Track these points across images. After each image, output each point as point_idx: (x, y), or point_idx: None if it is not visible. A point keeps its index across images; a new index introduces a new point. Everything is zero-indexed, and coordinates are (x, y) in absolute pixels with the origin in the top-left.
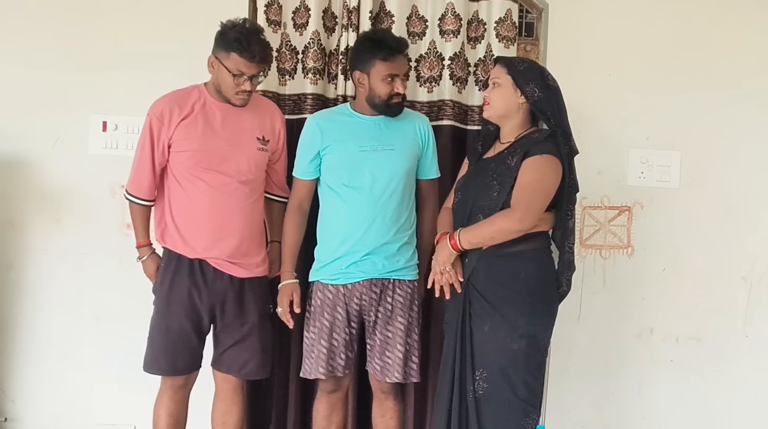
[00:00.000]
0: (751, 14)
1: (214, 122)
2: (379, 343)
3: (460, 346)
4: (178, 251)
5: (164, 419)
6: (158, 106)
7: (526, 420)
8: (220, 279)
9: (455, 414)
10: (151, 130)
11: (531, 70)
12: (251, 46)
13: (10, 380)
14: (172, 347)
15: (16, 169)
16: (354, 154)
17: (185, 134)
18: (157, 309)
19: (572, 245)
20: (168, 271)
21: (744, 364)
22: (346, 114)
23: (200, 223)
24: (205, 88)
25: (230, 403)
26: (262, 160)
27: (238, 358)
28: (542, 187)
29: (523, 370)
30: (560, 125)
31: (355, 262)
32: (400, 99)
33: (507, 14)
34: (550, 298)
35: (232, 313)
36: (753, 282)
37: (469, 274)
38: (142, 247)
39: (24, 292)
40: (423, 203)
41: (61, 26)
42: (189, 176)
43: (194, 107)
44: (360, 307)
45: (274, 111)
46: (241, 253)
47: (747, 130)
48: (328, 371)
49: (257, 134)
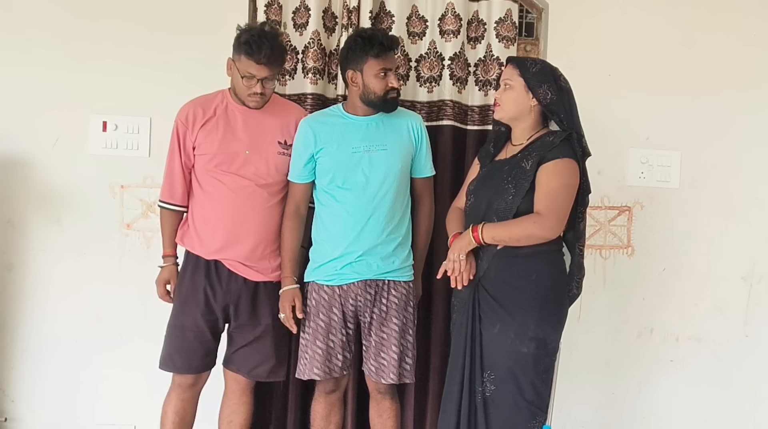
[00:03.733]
0: (751, 14)
1: (235, 125)
2: (374, 345)
3: (470, 347)
4: (195, 252)
5: (170, 417)
6: (183, 111)
7: (533, 422)
8: (234, 280)
9: (464, 415)
10: (178, 135)
11: (543, 71)
12: (260, 48)
13: (10, 380)
14: (187, 346)
15: (16, 169)
16: (347, 156)
17: (206, 137)
18: (174, 308)
19: (582, 248)
20: (186, 271)
21: (744, 364)
22: (338, 115)
23: (216, 224)
24: (228, 92)
25: (238, 402)
26: (283, 164)
27: (249, 359)
28: (568, 193)
29: (531, 373)
30: (572, 126)
31: (350, 262)
32: (396, 94)
33: (507, 14)
34: (560, 301)
35: (245, 315)
36: (753, 282)
37: (481, 275)
38: (167, 256)
39: (24, 292)
40: (418, 202)
41: (61, 26)
42: (209, 178)
43: (216, 111)
44: (355, 308)
45: (299, 114)
46: (257, 256)
47: (747, 130)
48: (324, 372)
49: (279, 138)
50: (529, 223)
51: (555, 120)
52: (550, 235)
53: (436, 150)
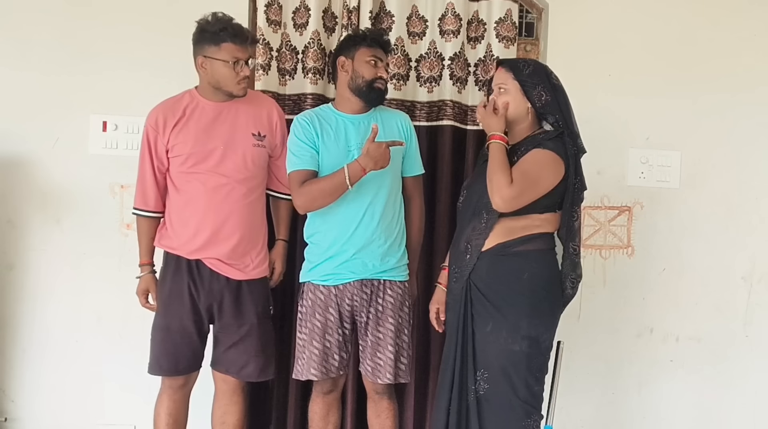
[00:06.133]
0: (751, 14)
1: (207, 123)
2: (370, 345)
3: (461, 346)
4: (176, 252)
5: (164, 419)
6: (152, 116)
7: (527, 421)
8: (216, 280)
9: (454, 414)
10: (148, 140)
11: (537, 72)
12: (239, 30)
13: (10, 380)
14: (174, 348)
15: (16, 169)
16: (342, 155)
17: (180, 138)
18: (158, 310)
19: (577, 247)
20: (167, 273)
21: (744, 364)
22: (330, 114)
23: (196, 223)
24: (196, 91)
25: (229, 403)
26: (260, 157)
27: (237, 360)
28: (540, 182)
29: (524, 371)
30: (567, 125)
31: (345, 261)
32: (382, 85)
33: (507, 14)
34: (552, 300)
35: (229, 314)
36: (753, 282)
37: (470, 271)
38: (143, 265)
39: (24, 292)
40: (409, 201)
41: (61, 26)
42: (185, 178)
43: (186, 111)
44: (351, 307)
45: (271, 105)
46: (239, 254)
47: (747, 130)
48: (321, 372)
49: (252, 130)
50: (505, 181)
51: (550, 122)
52: (502, 205)
53: (436, 150)
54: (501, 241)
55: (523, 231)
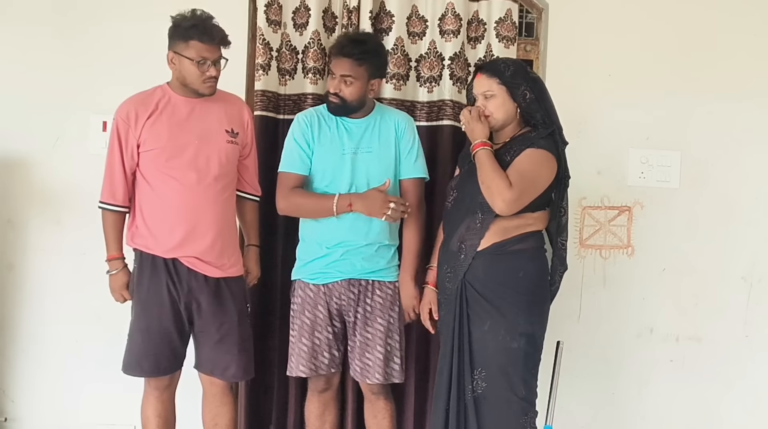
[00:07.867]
0: (751, 14)
1: (180, 118)
2: (359, 345)
3: (458, 345)
4: (151, 252)
5: (153, 420)
6: (123, 108)
7: (524, 418)
8: (194, 279)
9: (453, 413)
10: (119, 134)
11: (518, 71)
12: (211, 30)
13: (10, 380)
14: (154, 348)
15: (16, 169)
16: (337, 157)
17: (152, 133)
18: (136, 311)
19: (565, 242)
20: (143, 273)
21: (744, 364)
22: (327, 115)
23: (172, 221)
24: (168, 86)
25: (219, 404)
26: (233, 154)
27: (220, 361)
28: (538, 181)
29: (521, 369)
30: (553, 121)
31: (335, 261)
32: (335, 99)
33: (507, 14)
34: (545, 297)
35: (209, 313)
36: (753, 282)
37: (465, 271)
38: (114, 260)
39: (24, 292)
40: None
41: (61, 26)
42: (159, 175)
43: (158, 105)
44: (339, 306)
45: (242, 104)
46: (216, 251)
47: (747, 130)
48: (310, 369)
49: (226, 127)
50: (504, 184)
51: (537, 119)
52: (505, 208)
53: (437, 150)
54: (497, 241)
55: (517, 230)
